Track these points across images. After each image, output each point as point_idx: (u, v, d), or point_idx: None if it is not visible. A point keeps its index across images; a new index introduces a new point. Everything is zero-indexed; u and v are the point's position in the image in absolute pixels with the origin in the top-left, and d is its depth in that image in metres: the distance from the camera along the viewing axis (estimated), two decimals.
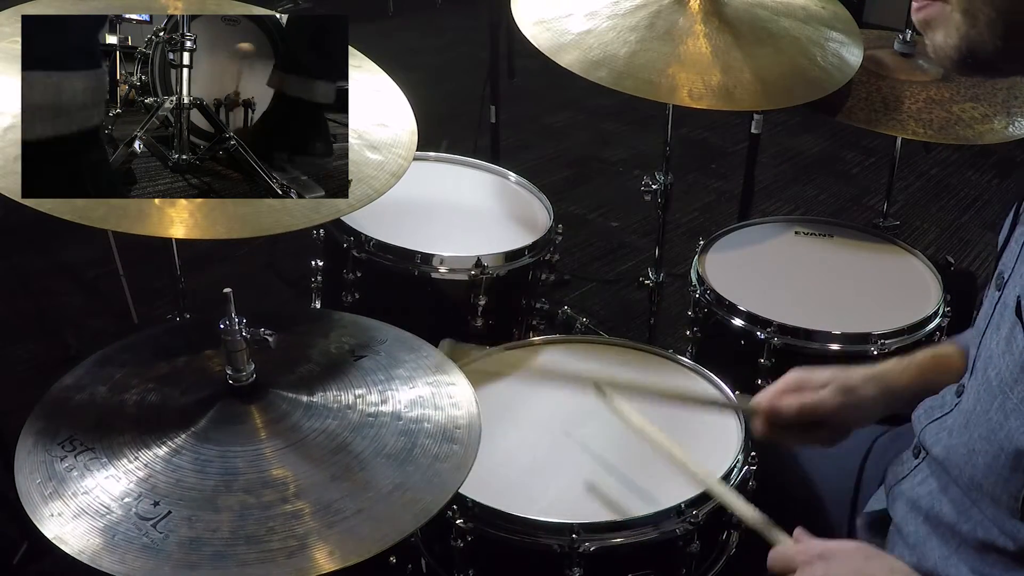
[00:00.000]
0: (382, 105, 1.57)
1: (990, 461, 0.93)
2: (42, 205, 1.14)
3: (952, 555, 1.00)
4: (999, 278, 1.00)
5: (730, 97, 1.73)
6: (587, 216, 3.46)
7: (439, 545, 1.32)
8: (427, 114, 1.65)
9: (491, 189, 2.04)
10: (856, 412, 1.19)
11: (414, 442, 1.13)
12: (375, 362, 1.25)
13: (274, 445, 1.09)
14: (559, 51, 1.77)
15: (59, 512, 1.00)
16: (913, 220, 3.53)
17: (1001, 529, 0.94)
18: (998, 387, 0.92)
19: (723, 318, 1.74)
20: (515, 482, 1.32)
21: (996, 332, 0.96)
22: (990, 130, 1.86)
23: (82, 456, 1.07)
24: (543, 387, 1.53)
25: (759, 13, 1.89)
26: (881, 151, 3.89)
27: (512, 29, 2.00)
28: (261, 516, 1.00)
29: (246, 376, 1.13)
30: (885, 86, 1.93)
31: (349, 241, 1.75)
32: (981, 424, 0.95)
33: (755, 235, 1.99)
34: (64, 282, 2.90)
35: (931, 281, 1.84)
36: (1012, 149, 4.02)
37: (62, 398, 1.16)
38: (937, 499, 1.03)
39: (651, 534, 1.24)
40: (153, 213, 1.21)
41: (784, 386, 1.23)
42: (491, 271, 1.72)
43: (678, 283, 2.62)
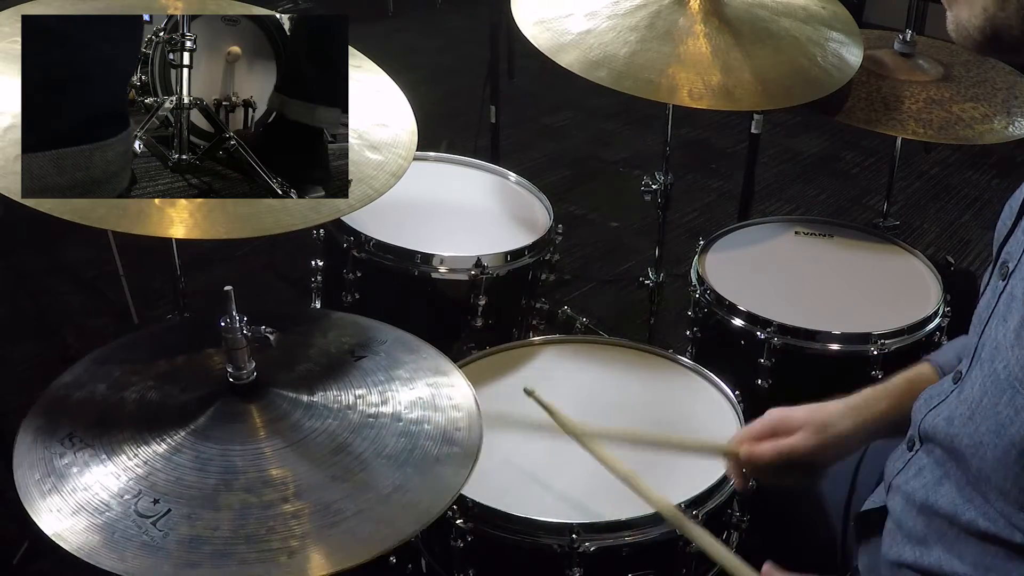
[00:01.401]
0: (382, 105, 1.57)
1: (1000, 456, 0.92)
2: (42, 205, 1.15)
3: (952, 546, 1.00)
4: (1003, 267, 0.99)
5: (730, 97, 1.73)
6: (587, 216, 3.45)
7: (439, 545, 1.32)
8: (427, 114, 1.65)
9: (491, 189, 2.04)
10: (834, 449, 1.19)
11: (414, 443, 1.13)
12: (375, 363, 1.25)
13: (274, 444, 1.09)
14: (559, 51, 1.77)
15: (58, 508, 1.00)
16: (913, 220, 3.53)
17: (1009, 521, 0.94)
18: (1007, 381, 0.91)
19: (723, 318, 1.74)
20: (515, 482, 1.32)
21: (1003, 323, 0.95)
22: (990, 130, 1.86)
23: (81, 453, 1.07)
24: (543, 387, 1.53)
25: (759, 13, 1.89)
26: (881, 151, 3.89)
27: (512, 29, 2.01)
28: (261, 515, 1.00)
29: (246, 374, 1.13)
30: (885, 86, 1.93)
31: (349, 241, 1.75)
32: (989, 418, 0.94)
33: (755, 235, 1.99)
34: (64, 282, 2.90)
35: (931, 281, 1.84)
36: (1012, 149, 4.02)
37: (62, 395, 1.16)
38: (933, 491, 1.03)
39: (651, 534, 1.24)
40: (153, 213, 1.21)
41: (760, 430, 1.22)
42: (491, 271, 1.72)
43: (678, 283, 2.61)
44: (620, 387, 1.55)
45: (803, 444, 1.18)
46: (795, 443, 1.18)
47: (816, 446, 1.18)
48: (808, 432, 1.18)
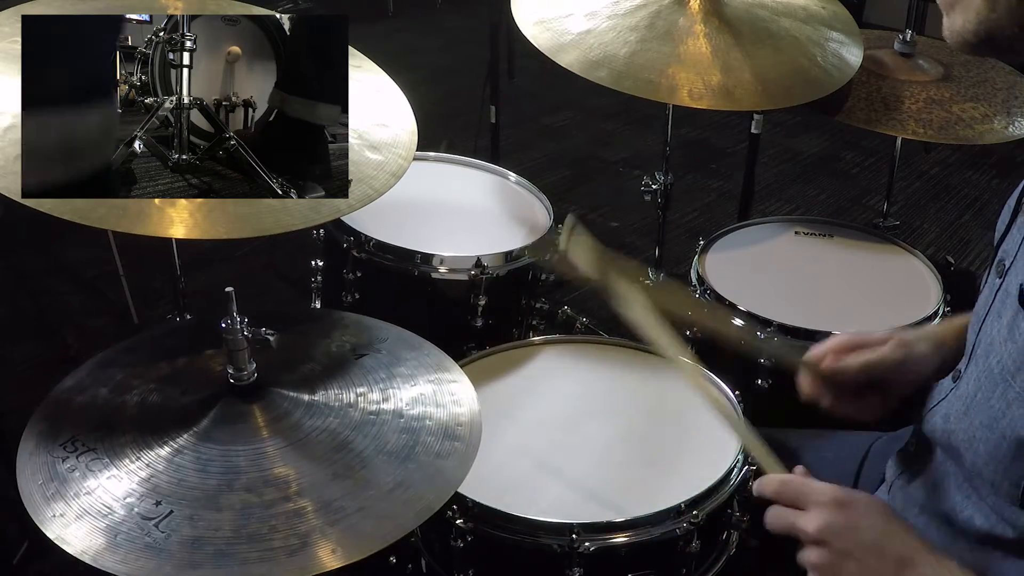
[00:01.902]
0: (382, 105, 1.57)
1: (991, 449, 0.94)
2: (42, 205, 1.14)
3: (951, 545, 1.00)
4: (999, 265, 1.01)
5: (730, 97, 1.73)
6: (587, 216, 3.45)
7: (439, 545, 1.32)
8: (427, 114, 1.65)
9: (491, 189, 2.04)
10: (915, 368, 1.18)
11: (416, 440, 1.13)
12: (376, 360, 1.26)
13: (276, 444, 1.09)
14: (559, 51, 1.77)
15: (61, 513, 1.00)
16: (913, 220, 3.53)
17: (1001, 516, 0.95)
18: (1000, 375, 0.93)
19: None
20: (515, 482, 1.32)
21: (997, 320, 0.96)
22: (990, 130, 1.86)
23: (84, 457, 1.07)
24: (543, 387, 1.54)
25: (759, 13, 1.89)
26: (881, 151, 3.89)
27: (512, 29, 2.00)
28: (263, 515, 1.00)
29: (247, 375, 1.13)
30: (885, 86, 1.93)
31: (349, 241, 1.74)
32: (982, 412, 0.95)
33: (755, 235, 1.99)
34: (64, 282, 2.90)
35: (931, 281, 1.84)
36: (1012, 149, 4.02)
37: (64, 400, 1.16)
38: (933, 489, 1.04)
39: (651, 534, 1.24)
40: (153, 213, 1.21)
41: (839, 345, 1.20)
42: (491, 271, 1.72)
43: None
44: (620, 387, 1.55)
45: (891, 356, 1.17)
46: (884, 354, 1.17)
47: (902, 360, 1.17)
48: (895, 345, 1.18)
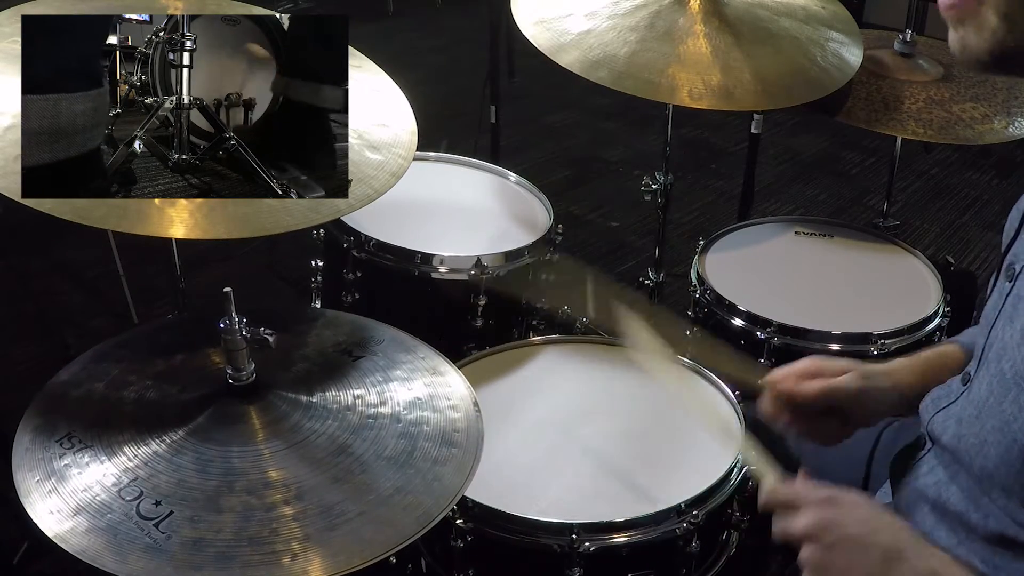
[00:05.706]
0: (382, 105, 1.56)
1: (1003, 453, 0.93)
2: (42, 205, 1.14)
3: (960, 545, 1.00)
4: (1010, 269, 1.00)
5: (730, 97, 1.73)
6: (587, 216, 3.45)
7: (439, 545, 1.32)
8: (427, 114, 1.65)
9: (491, 189, 2.04)
10: (873, 401, 1.19)
11: (414, 445, 1.13)
12: (373, 363, 1.25)
13: (274, 446, 1.09)
14: (559, 51, 1.77)
15: (58, 509, 1.00)
16: (913, 220, 3.53)
17: (1013, 519, 0.94)
18: (1012, 379, 0.93)
19: (723, 318, 1.74)
20: (515, 482, 1.32)
21: (1010, 324, 0.96)
22: (990, 130, 1.86)
23: (81, 453, 1.06)
24: (543, 387, 1.54)
25: (759, 13, 1.89)
26: (881, 151, 3.89)
27: (512, 29, 2.00)
28: (264, 517, 1.00)
29: (246, 376, 1.13)
30: (885, 86, 1.93)
31: (349, 241, 1.74)
32: (994, 416, 0.95)
33: (755, 235, 1.99)
34: (64, 282, 2.90)
35: (931, 281, 1.84)
36: (1012, 149, 4.02)
37: (59, 394, 1.16)
38: (944, 488, 1.04)
39: (651, 534, 1.24)
40: (153, 213, 1.21)
41: (802, 370, 1.21)
42: (491, 271, 1.72)
43: (678, 283, 2.61)
44: (620, 387, 1.55)
45: (849, 385, 1.17)
46: (842, 383, 1.18)
47: (860, 390, 1.17)
48: (855, 375, 1.18)
